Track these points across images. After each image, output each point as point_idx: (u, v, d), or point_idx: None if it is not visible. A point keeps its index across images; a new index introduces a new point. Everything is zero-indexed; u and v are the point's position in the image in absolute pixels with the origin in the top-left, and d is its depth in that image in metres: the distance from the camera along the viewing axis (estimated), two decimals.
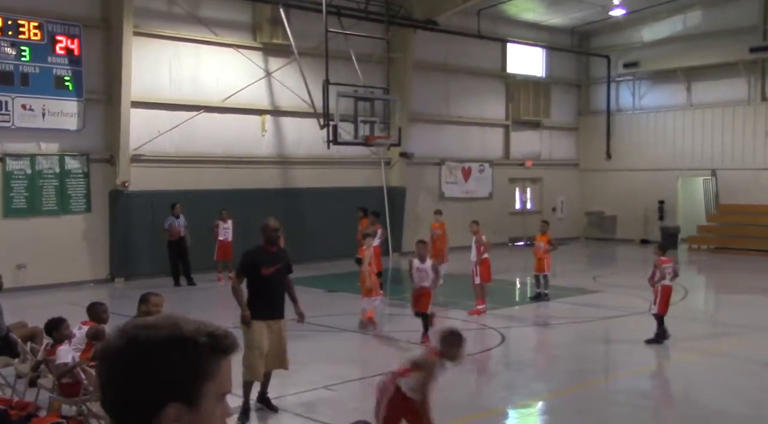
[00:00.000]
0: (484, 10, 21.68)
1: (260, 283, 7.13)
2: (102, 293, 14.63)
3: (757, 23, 22.45)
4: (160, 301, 6.21)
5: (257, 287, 7.17)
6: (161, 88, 17.03)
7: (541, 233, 14.08)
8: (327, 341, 11.14)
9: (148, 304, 6.17)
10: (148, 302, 6.20)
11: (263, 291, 7.13)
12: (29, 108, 15.06)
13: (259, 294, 7.15)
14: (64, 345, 6.79)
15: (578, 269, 18.93)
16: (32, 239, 15.17)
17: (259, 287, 7.16)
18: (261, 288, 7.14)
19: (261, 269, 7.09)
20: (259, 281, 7.13)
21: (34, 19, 15.05)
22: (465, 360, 5.81)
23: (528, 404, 8.34)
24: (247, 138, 18.43)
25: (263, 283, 7.12)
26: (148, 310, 6.05)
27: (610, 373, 9.82)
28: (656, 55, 24.33)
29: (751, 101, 22.86)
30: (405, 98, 20.17)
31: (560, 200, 26.36)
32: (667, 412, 7.78)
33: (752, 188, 22.47)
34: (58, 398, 6.57)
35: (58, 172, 15.69)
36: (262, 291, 7.14)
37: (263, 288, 7.13)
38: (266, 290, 7.13)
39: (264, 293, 7.13)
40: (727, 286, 17.06)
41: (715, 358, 10.04)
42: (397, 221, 20.73)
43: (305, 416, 7.43)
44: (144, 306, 6.18)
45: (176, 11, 17.18)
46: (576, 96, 27.12)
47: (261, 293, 7.14)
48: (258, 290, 7.16)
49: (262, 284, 7.13)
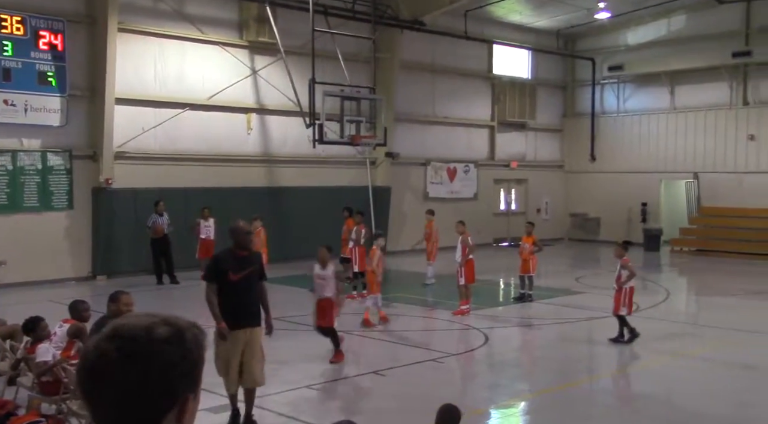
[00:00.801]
0: (471, 11, 21.74)
1: (228, 289, 6.75)
2: (84, 290, 14.50)
3: (739, 28, 22.70)
4: (130, 300, 6.10)
5: (225, 293, 6.76)
6: (146, 85, 16.91)
7: (527, 235, 14.14)
8: (310, 340, 11.11)
9: (118, 303, 6.04)
10: (118, 300, 6.07)
11: (230, 298, 6.75)
12: (11, 103, 14.89)
13: (226, 301, 6.75)
14: (45, 343, 6.72)
15: (561, 270, 19.02)
16: (13, 236, 15.00)
17: (226, 293, 6.76)
18: (228, 294, 6.75)
19: (229, 274, 6.73)
20: (226, 286, 6.75)
21: (16, 13, 14.88)
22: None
23: (511, 404, 8.37)
24: (232, 136, 18.35)
25: (231, 289, 6.74)
26: (119, 309, 5.91)
27: (593, 373, 9.88)
28: (640, 59, 24.53)
29: (733, 105, 23.11)
30: (391, 98, 20.18)
31: (545, 202, 26.50)
32: (649, 413, 7.84)
33: (734, 191, 22.73)
34: (38, 396, 6.50)
35: (40, 169, 15.52)
36: (230, 298, 6.75)
37: (230, 294, 6.75)
38: (233, 297, 6.75)
39: (231, 300, 6.75)
40: (708, 288, 17.22)
41: (696, 360, 10.14)
42: (383, 220, 20.73)
43: (288, 415, 7.40)
44: (114, 305, 6.06)
45: (162, 8, 17.06)
46: (561, 98, 27.28)
47: (228, 299, 6.75)
48: (225, 297, 6.76)
49: (230, 290, 6.74)
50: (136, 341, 1.31)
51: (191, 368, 1.35)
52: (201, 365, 1.38)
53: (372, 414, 7.54)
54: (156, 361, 1.30)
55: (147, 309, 1.84)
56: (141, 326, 1.33)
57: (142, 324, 1.34)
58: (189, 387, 1.35)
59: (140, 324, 1.34)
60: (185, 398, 1.34)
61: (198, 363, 1.37)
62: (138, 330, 1.32)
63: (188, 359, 1.34)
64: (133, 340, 1.31)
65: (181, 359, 1.33)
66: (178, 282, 15.63)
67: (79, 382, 1.36)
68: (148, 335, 1.32)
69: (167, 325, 1.35)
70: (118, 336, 1.32)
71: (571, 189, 26.91)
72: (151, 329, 1.33)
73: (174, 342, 1.33)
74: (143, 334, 1.32)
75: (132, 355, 1.29)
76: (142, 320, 1.35)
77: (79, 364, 1.36)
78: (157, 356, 1.30)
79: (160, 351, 1.31)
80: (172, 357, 1.32)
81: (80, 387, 1.35)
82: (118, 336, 1.32)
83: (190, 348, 1.35)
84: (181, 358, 1.33)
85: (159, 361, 1.30)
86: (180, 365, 1.32)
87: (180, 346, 1.33)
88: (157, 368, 1.30)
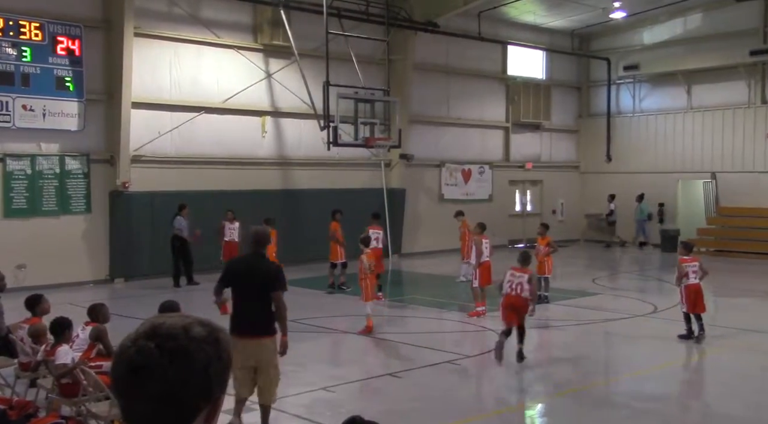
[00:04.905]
0: (484, 12, 21.70)
1: (234, 294, 6.76)
2: (102, 293, 14.64)
3: (757, 26, 22.46)
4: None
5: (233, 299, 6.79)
6: (162, 89, 17.04)
7: (541, 237, 14.09)
8: (326, 342, 11.14)
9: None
10: None
11: (236, 303, 6.76)
12: (30, 108, 15.06)
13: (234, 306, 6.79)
14: (64, 346, 6.79)
15: (578, 271, 18.92)
16: (32, 240, 15.16)
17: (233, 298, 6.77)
18: (234, 300, 6.76)
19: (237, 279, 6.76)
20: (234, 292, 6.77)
21: (35, 19, 15.06)
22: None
23: (528, 406, 8.34)
24: (247, 139, 18.44)
25: (236, 294, 6.74)
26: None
27: (611, 375, 9.82)
28: (656, 58, 24.34)
29: (751, 104, 22.86)
30: (405, 100, 20.18)
31: (560, 203, 26.37)
32: (667, 414, 7.79)
33: (752, 191, 22.47)
34: (57, 398, 6.57)
35: (58, 173, 15.69)
36: (235, 303, 6.76)
37: (235, 300, 6.75)
38: (237, 303, 6.73)
39: (236, 306, 6.75)
40: (726, 289, 17.04)
41: (714, 361, 10.05)
42: (397, 222, 20.73)
43: (304, 417, 7.42)
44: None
45: (177, 12, 17.19)
46: (576, 98, 27.14)
47: (234, 305, 6.78)
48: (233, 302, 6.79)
49: (236, 295, 6.75)
50: (176, 340, 1.31)
51: (224, 369, 1.37)
52: (231, 366, 1.40)
53: (387, 416, 7.53)
54: (196, 359, 1.31)
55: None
56: (179, 326, 1.34)
57: (179, 324, 1.35)
58: (221, 387, 1.37)
59: (178, 323, 1.35)
60: (217, 398, 1.36)
61: (229, 364, 1.38)
62: (176, 329, 1.33)
63: (222, 360, 1.36)
64: (173, 338, 1.31)
65: (217, 359, 1.34)
66: (198, 283, 15.69)
67: (115, 378, 1.35)
68: (186, 333, 1.33)
69: (202, 325, 1.37)
70: (157, 334, 1.32)
71: (586, 190, 26.74)
72: (188, 329, 1.34)
73: (210, 342, 1.34)
74: (182, 333, 1.32)
75: (173, 352, 1.30)
76: (178, 319, 1.37)
77: (116, 360, 1.36)
78: (196, 355, 1.31)
79: (198, 350, 1.32)
80: (209, 356, 1.33)
81: (116, 383, 1.34)
82: (157, 334, 1.32)
83: (224, 348, 1.37)
84: (217, 358, 1.34)
85: (198, 359, 1.31)
86: (215, 365, 1.34)
87: (215, 346, 1.35)
88: (197, 367, 1.31)
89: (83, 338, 6.93)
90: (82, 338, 6.94)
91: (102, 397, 6.14)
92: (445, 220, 17.88)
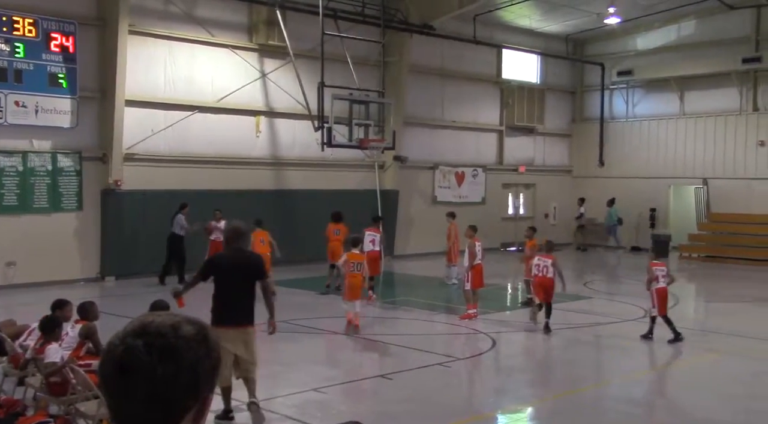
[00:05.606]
0: (480, 15, 21.75)
1: (219, 287, 7.00)
2: (93, 291, 14.56)
3: (749, 34, 22.62)
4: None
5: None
6: (156, 88, 16.98)
7: (529, 239, 14.15)
8: (318, 343, 11.12)
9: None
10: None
11: (220, 296, 7.02)
12: (22, 105, 14.98)
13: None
14: (54, 344, 6.75)
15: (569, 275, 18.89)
16: (23, 237, 15.08)
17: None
18: (219, 292, 7.02)
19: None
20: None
21: (29, 15, 14.98)
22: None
23: (518, 409, 8.35)
24: (241, 139, 18.40)
25: (220, 287, 6.99)
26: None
27: (601, 379, 9.84)
28: (650, 64, 24.47)
29: (742, 111, 23.01)
30: (400, 102, 20.20)
31: (553, 206, 26.43)
32: (656, 419, 7.81)
33: (743, 198, 22.61)
34: (46, 396, 6.53)
35: (50, 170, 15.61)
36: (219, 296, 7.03)
37: (220, 293, 7.00)
38: (222, 295, 6.99)
39: (220, 298, 7.02)
40: (717, 294, 17.14)
41: (704, 366, 10.09)
42: (390, 224, 20.73)
43: (294, 418, 7.41)
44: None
45: (172, 10, 17.14)
46: (570, 103, 27.23)
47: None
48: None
49: (220, 288, 7.00)
50: (165, 338, 1.30)
51: (212, 367, 1.36)
52: (219, 365, 1.38)
53: (378, 418, 7.53)
54: (184, 358, 1.30)
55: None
56: (167, 324, 1.33)
57: (167, 322, 1.34)
58: (209, 386, 1.35)
59: (166, 322, 1.34)
60: (205, 397, 1.34)
61: (218, 363, 1.37)
62: (165, 327, 1.32)
63: (211, 358, 1.35)
64: (161, 336, 1.30)
65: (206, 358, 1.33)
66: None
67: (103, 376, 1.33)
68: (175, 332, 1.32)
69: (190, 324, 1.36)
70: (146, 332, 1.31)
71: (579, 194, 26.80)
72: (177, 327, 1.33)
73: (199, 340, 1.33)
74: (170, 331, 1.31)
75: (162, 351, 1.29)
76: (167, 318, 1.35)
77: (104, 358, 1.34)
78: (184, 353, 1.30)
79: (187, 348, 1.31)
80: (198, 355, 1.32)
81: (104, 382, 1.33)
82: (146, 332, 1.31)
83: (213, 347, 1.36)
84: (206, 356, 1.33)
85: (187, 358, 1.30)
86: (204, 363, 1.33)
87: (204, 344, 1.34)
88: (185, 365, 1.30)
89: (72, 336, 6.90)
90: (72, 336, 6.90)
91: (91, 396, 6.11)
92: (437, 222, 17.90)
